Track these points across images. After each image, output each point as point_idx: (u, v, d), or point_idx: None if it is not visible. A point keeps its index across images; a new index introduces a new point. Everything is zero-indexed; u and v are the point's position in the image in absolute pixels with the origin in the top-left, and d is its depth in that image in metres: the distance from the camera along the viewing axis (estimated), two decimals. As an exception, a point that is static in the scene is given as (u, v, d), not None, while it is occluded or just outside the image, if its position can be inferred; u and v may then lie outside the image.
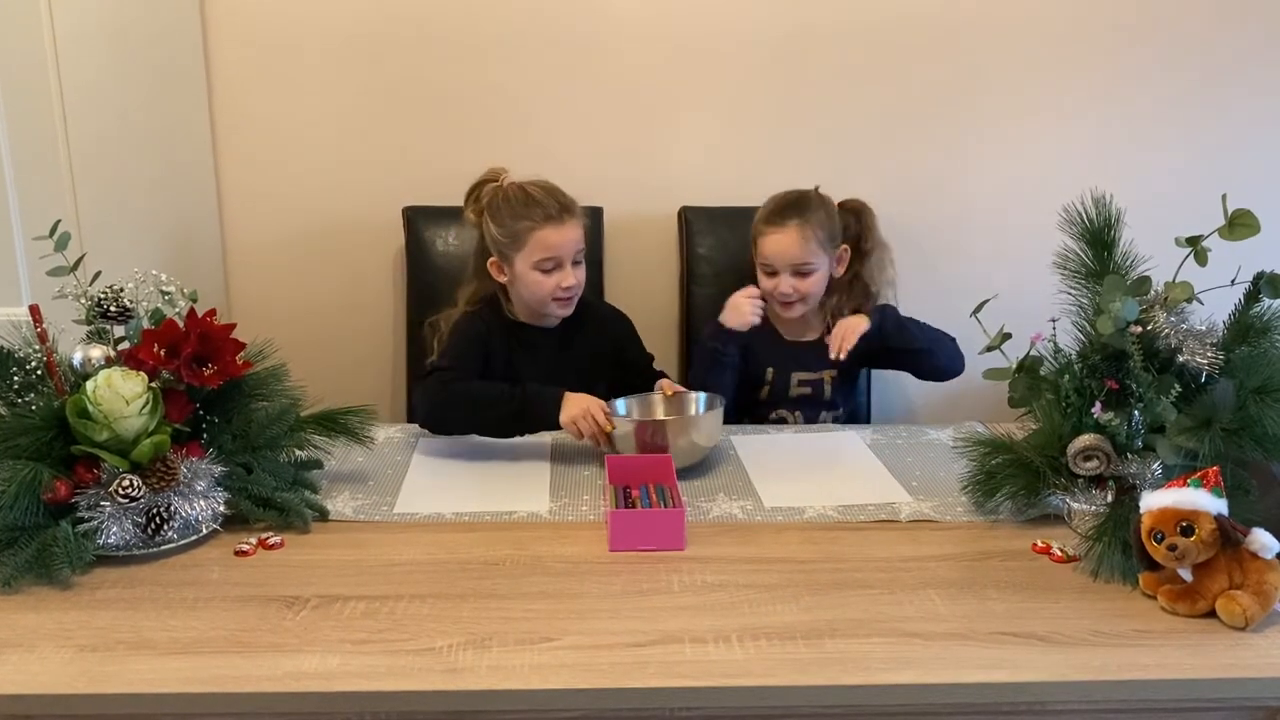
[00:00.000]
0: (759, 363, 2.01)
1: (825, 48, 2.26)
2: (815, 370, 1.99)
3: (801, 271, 1.91)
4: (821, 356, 1.93)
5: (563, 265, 1.78)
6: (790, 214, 1.90)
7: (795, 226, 1.89)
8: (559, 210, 1.77)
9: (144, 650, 1.09)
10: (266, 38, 2.21)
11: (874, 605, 1.19)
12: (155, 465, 1.30)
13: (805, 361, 1.99)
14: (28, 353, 1.35)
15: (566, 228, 1.78)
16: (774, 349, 2.01)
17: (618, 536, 1.33)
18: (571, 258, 1.79)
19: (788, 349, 2.01)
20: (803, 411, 2.01)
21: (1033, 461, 1.40)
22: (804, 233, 1.89)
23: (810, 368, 1.99)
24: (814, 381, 2.00)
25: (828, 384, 2.00)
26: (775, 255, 1.91)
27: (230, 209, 2.31)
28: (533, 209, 1.77)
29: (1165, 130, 2.33)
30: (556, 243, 1.76)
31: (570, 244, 1.79)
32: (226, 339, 1.39)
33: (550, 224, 1.76)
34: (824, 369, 1.99)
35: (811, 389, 2.00)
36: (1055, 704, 1.09)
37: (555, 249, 1.77)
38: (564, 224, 1.77)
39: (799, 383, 1.99)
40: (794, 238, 1.89)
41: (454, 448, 1.71)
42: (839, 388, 2.02)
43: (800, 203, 1.92)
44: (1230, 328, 1.37)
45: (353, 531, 1.39)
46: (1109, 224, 1.41)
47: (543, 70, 2.25)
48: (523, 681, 1.04)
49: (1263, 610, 1.14)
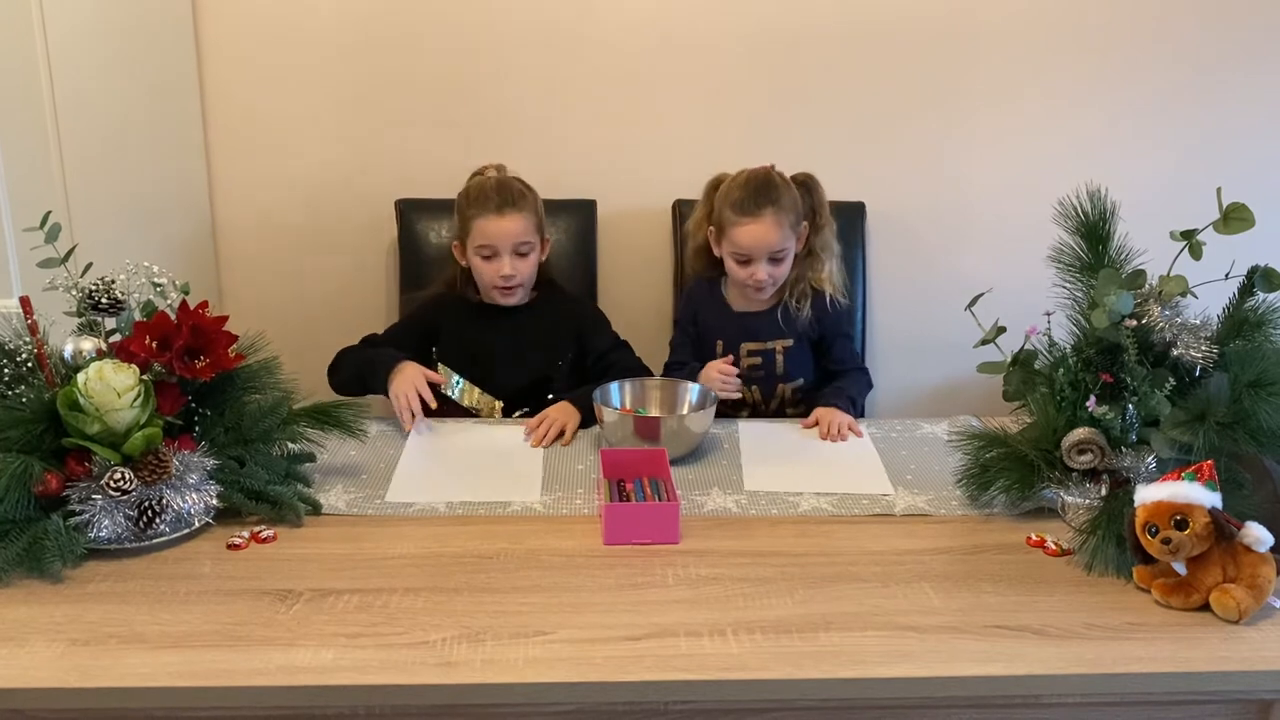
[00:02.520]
0: (709, 335, 2.00)
1: (819, 41, 2.26)
2: (765, 341, 1.98)
3: (776, 258, 1.91)
4: (771, 325, 1.96)
5: (499, 255, 1.89)
6: (763, 202, 1.88)
7: (770, 215, 1.88)
8: (499, 204, 1.88)
9: (136, 644, 1.08)
10: (259, 29, 2.20)
11: (868, 598, 1.20)
12: (147, 458, 1.29)
13: (754, 331, 1.98)
14: (18, 345, 1.34)
15: (505, 220, 1.87)
16: (722, 320, 2.00)
17: (613, 530, 1.33)
18: (510, 249, 1.89)
19: (736, 319, 2.00)
20: (759, 386, 1.98)
21: (1027, 455, 1.40)
22: (777, 219, 1.88)
23: (759, 337, 1.98)
24: (765, 352, 1.98)
25: (779, 354, 1.98)
26: (752, 246, 1.89)
27: (222, 201, 2.30)
28: (479, 200, 1.89)
29: (1160, 124, 2.33)
30: (492, 233, 1.87)
31: (507, 235, 1.87)
32: (219, 331, 1.39)
33: (489, 215, 1.87)
34: (775, 339, 1.98)
35: (762, 359, 1.98)
36: (1049, 697, 1.09)
37: (491, 238, 1.88)
38: (503, 216, 1.87)
39: (748, 353, 1.98)
40: (769, 226, 1.88)
41: (447, 437, 1.71)
42: (792, 357, 1.99)
43: (768, 188, 1.90)
44: (1225, 321, 1.37)
45: (346, 525, 1.38)
46: (1104, 218, 1.41)
47: (536, 63, 2.24)
48: (517, 675, 1.04)
49: (1256, 603, 1.14)
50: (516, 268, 1.89)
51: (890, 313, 2.41)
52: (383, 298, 2.38)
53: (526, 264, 1.91)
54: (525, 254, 1.91)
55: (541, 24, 2.22)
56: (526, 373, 1.93)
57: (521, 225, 1.89)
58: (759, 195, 1.89)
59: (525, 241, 1.90)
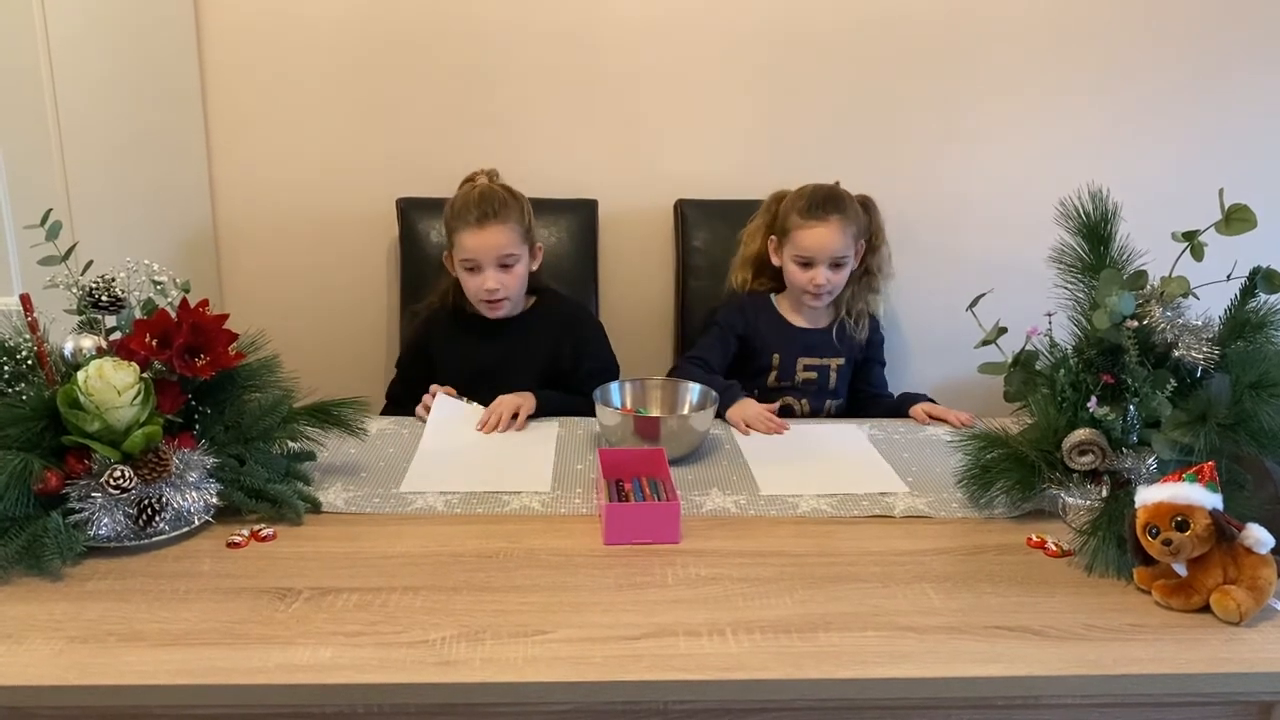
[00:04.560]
0: (765, 348, 2.04)
1: (821, 42, 2.26)
2: (822, 356, 2.04)
3: (838, 263, 1.98)
4: (829, 343, 2.04)
5: (482, 268, 1.86)
6: (830, 208, 1.97)
7: (837, 220, 1.96)
8: (479, 217, 1.85)
9: (135, 642, 1.08)
10: (261, 29, 2.20)
11: (868, 599, 1.19)
12: (147, 456, 1.29)
13: (812, 347, 2.05)
14: (18, 342, 1.34)
15: (485, 233, 1.84)
16: (780, 335, 2.05)
17: (613, 530, 1.33)
18: (493, 261, 1.86)
19: (794, 334, 2.05)
20: (809, 399, 2.05)
21: (1028, 456, 1.40)
22: (843, 226, 1.97)
23: (817, 353, 2.05)
24: (820, 367, 2.04)
25: (834, 371, 2.05)
26: (817, 248, 1.96)
27: (224, 199, 2.30)
28: (461, 212, 1.87)
29: (1162, 125, 2.33)
30: (473, 246, 1.85)
31: (488, 249, 1.85)
32: (219, 330, 1.39)
33: (470, 229, 1.85)
34: (831, 356, 2.05)
35: (817, 374, 2.04)
36: (1049, 698, 1.09)
37: (472, 252, 1.86)
38: (483, 229, 1.84)
39: (805, 367, 2.04)
40: (835, 230, 1.96)
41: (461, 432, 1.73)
42: (843, 375, 2.07)
43: (835, 197, 1.99)
44: (1226, 323, 1.37)
45: (345, 524, 1.38)
46: (1105, 218, 1.41)
47: (538, 63, 2.24)
48: (516, 674, 1.04)
49: (1256, 605, 1.14)
50: (501, 281, 1.86)
51: (892, 313, 2.41)
52: (383, 296, 2.38)
53: (512, 276, 1.88)
54: (510, 265, 1.87)
55: (545, 25, 2.22)
56: (529, 387, 1.87)
57: (504, 237, 1.85)
58: (828, 202, 1.98)
59: (509, 254, 1.86)
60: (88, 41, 1.80)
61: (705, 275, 2.25)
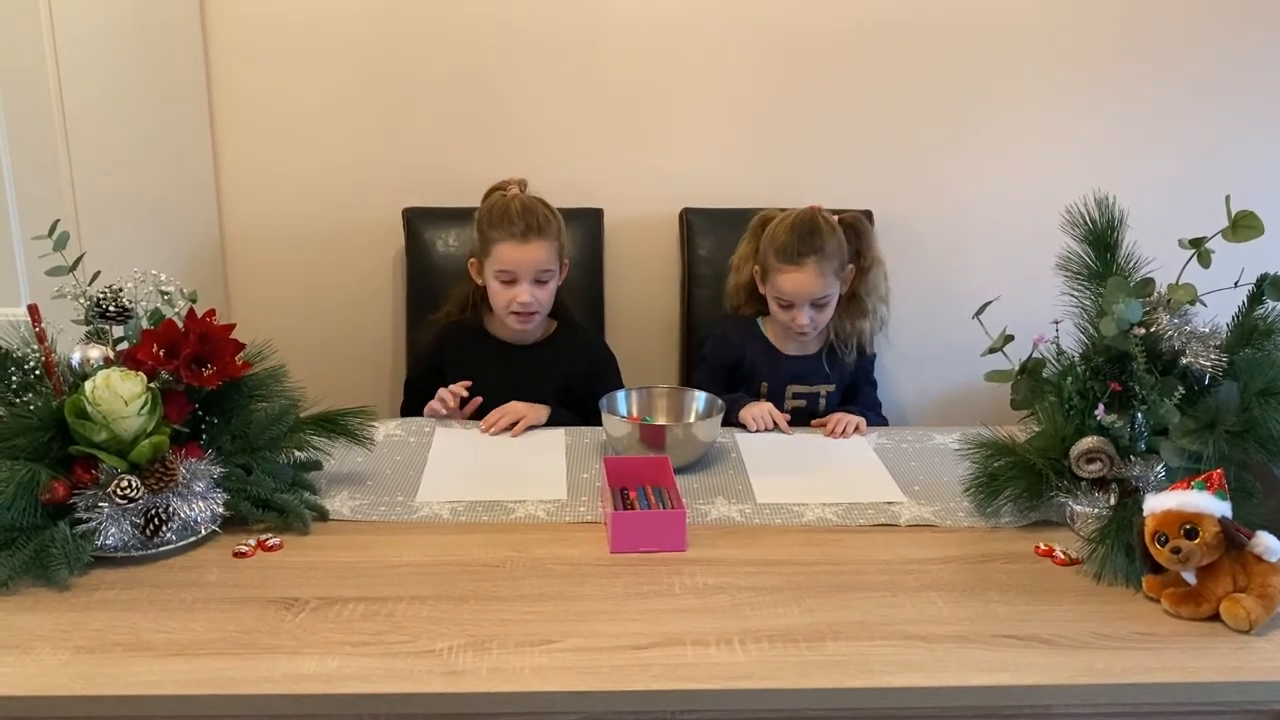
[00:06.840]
0: (753, 375, 2.00)
1: (826, 50, 2.26)
2: (811, 384, 1.99)
3: (819, 304, 1.91)
4: (818, 371, 1.97)
5: (518, 281, 1.85)
6: (806, 251, 1.87)
7: (813, 264, 1.87)
8: (524, 230, 1.83)
9: (141, 652, 1.08)
10: (267, 40, 2.21)
11: (876, 608, 1.19)
12: (154, 466, 1.29)
13: (801, 375, 1.99)
14: (26, 353, 1.34)
15: (528, 248, 1.83)
16: (769, 363, 2.00)
17: (619, 538, 1.32)
18: (531, 276, 1.85)
19: (783, 362, 2.00)
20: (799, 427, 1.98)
21: (1035, 464, 1.39)
22: (821, 268, 1.88)
23: (806, 381, 1.99)
24: (809, 395, 1.99)
25: (823, 398, 2.00)
26: (794, 293, 1.89)
27: (230, 209, 2.31)
28: (504, 224, 1.84)
29: (1168, 132, 2.33)
30: (514, 259, 1.84)
31: (528, 264, 1.84)
32: (226, 339, 1.39)
33: (512, 241, 1.83)
34: (820, 383, 1.99)
35: (806, 401, 1.99)
36: (1058, 707, 1.08)
37: (512, 264, 1.84)
38: (526, 243, 1.83)
39: (794, 395, 1.99)
40: (812, 275, 1.87)
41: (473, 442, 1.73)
42: (833, 402, 2.01)
43: (812, 235, 1.89)
44: (1234, 330, 1.36)
45: (352, 533, 1.38)
46: (1112, 225, 1.41)
47: (545, 72, 2.25)
48: (523, 684, 1.04)
49: (1267, 613, 1.13)
50: (535, 295, 1.85)
51: (897, 321, 2.39)
52: (390, 307, 2.38)
53: (545, 291, 1.87)
54: (545, 281, 1.87)
55: (551, 33, 2.23)
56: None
57: (544, 253, 1.85)
58: (802, 243, 1.88)
59: (547, 269, 1.86)
60: (94, 54, 1.81)
61: (711, 283, 2.24)
